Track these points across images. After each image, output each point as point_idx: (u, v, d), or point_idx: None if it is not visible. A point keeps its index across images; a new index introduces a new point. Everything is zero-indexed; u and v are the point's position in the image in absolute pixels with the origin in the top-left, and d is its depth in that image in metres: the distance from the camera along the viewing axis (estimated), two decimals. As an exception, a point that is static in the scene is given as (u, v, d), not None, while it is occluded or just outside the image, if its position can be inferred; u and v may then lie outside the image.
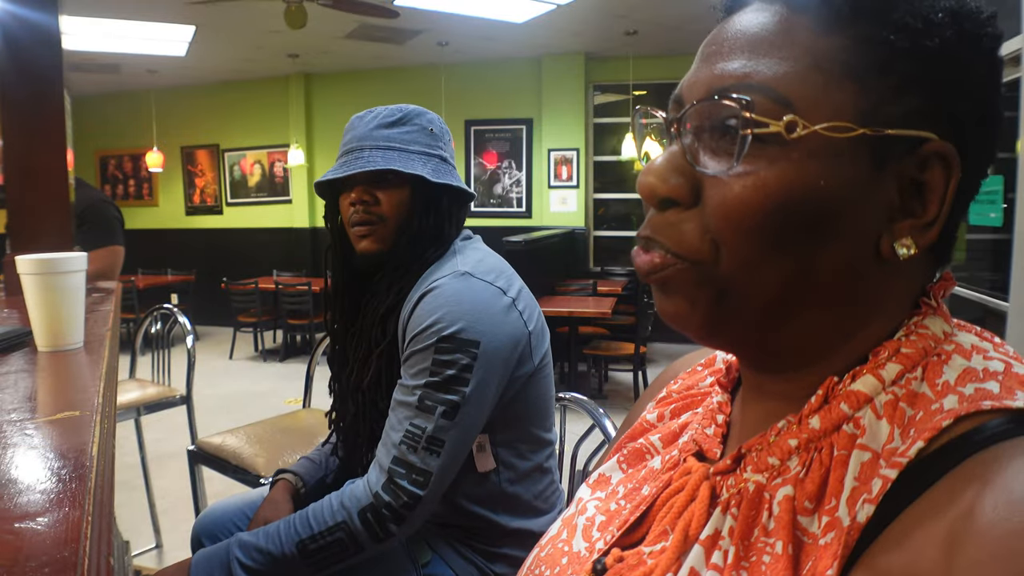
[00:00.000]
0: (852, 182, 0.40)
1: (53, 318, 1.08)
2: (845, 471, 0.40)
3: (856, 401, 0.41)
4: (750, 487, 0.43)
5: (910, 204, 0.41)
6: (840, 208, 0.40)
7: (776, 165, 0.40)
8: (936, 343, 0.43)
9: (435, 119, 1.23)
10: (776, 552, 0.39)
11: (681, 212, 0.43)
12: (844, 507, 0.38)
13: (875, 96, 0.40)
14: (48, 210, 1.75)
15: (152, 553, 2.67)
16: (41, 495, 0.55)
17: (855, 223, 0.41)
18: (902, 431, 0.39)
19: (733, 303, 0.43)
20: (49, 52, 1.71)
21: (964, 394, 0.39)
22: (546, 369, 1.21)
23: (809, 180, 0.40)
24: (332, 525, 1.06)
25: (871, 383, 0.42)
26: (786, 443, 0.43)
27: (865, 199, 0.40)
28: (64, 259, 1.07)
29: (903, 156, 0.40)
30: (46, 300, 1.07)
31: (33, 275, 1.06)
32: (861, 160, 0.40)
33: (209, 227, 8.29)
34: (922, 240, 0.41)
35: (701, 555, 0.43)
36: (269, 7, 4.77)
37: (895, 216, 0.41)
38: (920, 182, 0.41)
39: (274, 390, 5.35)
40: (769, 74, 0.41)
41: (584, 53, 6.77)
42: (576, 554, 0.52)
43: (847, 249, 0.41)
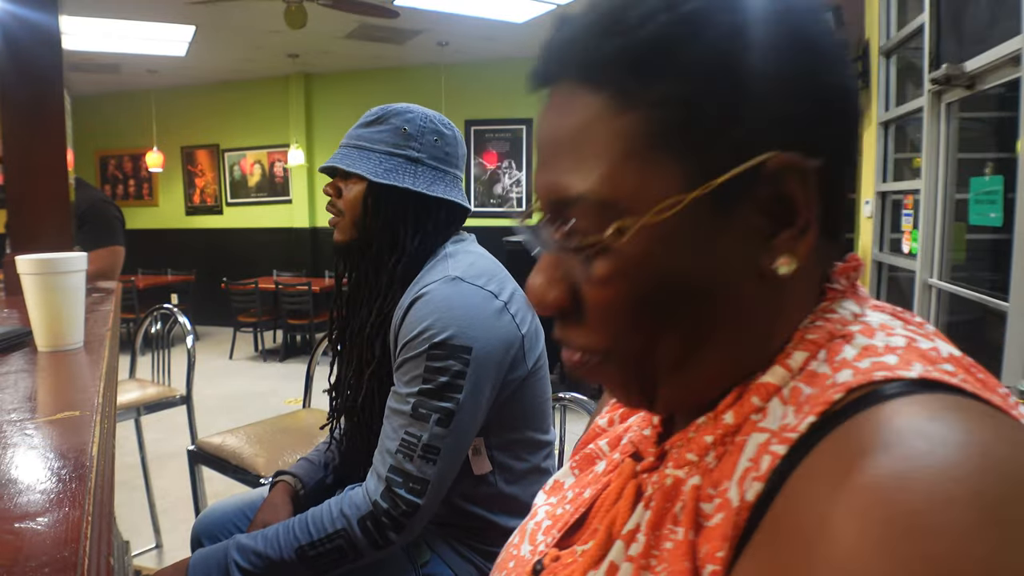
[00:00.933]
0: (703, 242, 0.40)
1: (53, 318, 1.08)
2: (741, 454, 0.40)
3: (766, 392, 0.42)
4: (668, 482, 0.44)
5: (779, 218, 0.41)
6: (701, 271, 0.41)
7: (623, 267, 0.41)
8: (843, 325, 0.43)
9: (416, 117, 1.20)
10: (678, 538, 0.40)
11: (570, 318, 0.45)
12: (735, 487, 0.39)
13: (692, 154, 0.39)
14: (48, 210, 1.75)
15: (152, 553, 2.67)
16: (41, 495, 0.55)
17: (726, 269, 0.41)
18: (796, 408, 0.40)
19: (652, 374, 0.44)
20: (49, 52, 1.71)
21: (859, 368, 0.39)
22: (541, 372, 1.20)
23: (660, 266, 0.40)
24: (332, 532, 1.06)
25: (779, 373, 0.42)
26: (702, 439, 0.43)
27: (725, 244, 0.41)
28: (64, 259, 1.08)
29: (749, 185, 0.40)
30: (46, 300, 1.07)
31: (33, 275, 1.06)
32: (705, 216, 0.40)
33: (209, 227, 8.28)
34: (801, 248, 0.41)
35: (621, 548, 0.44)
36: (269, 7, 4.77)
37: (768, 236, 0.41)
38: (780, 196, 0.40)
39: (274, 390, 5.35)
40: (588, 181, 0.41)
41: (584, 53, 6.77)
42: (522, 558, 0.54)
43: (726, 296, 0.42)
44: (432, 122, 1.21)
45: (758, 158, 0.39)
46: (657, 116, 0.39)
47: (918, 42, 3.41)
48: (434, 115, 1.23)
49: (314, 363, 2.36)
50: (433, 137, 1.21)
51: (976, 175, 2.86)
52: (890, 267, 3.97)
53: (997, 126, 3.21)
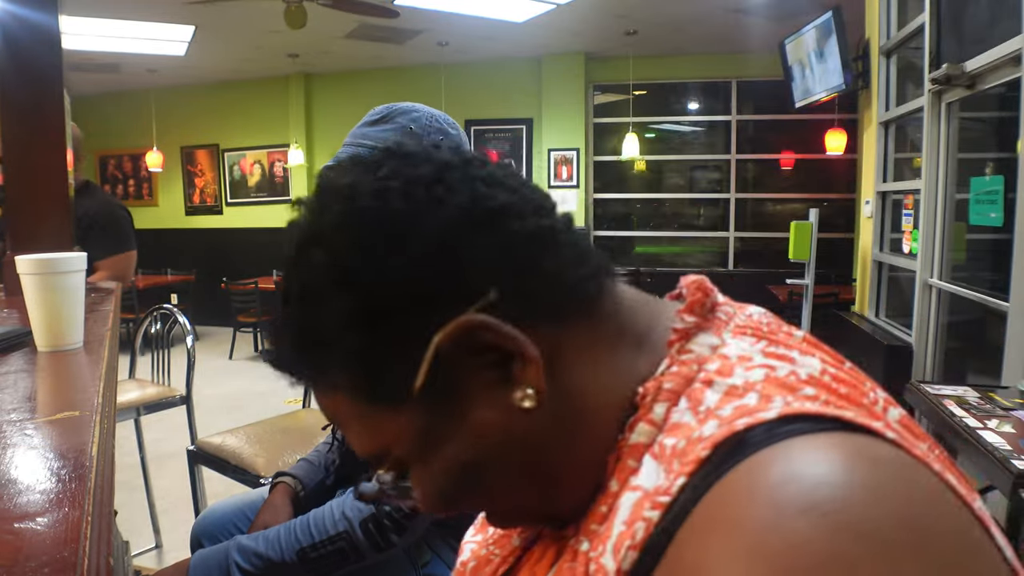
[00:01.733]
0: (447, 436, 0.43)
1: (53, 318, 1.08)
2: (616, 516, 0.41)
3: (638, 452, 0.42)
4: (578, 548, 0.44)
5: (501, 360, 0.42)
6: (473, 442, 0.43)
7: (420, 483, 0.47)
8: (699, 365, 0.43)
9: (422, 116, 1.20)
10: None
11: None
12: (610, 555, 0.39)
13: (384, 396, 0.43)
14: (48, 210, 1.75)
15: (152, 553, 2.67)
16: (41, 495, 0.55)
17: (487, 434, 0.43)
18: (666, 467, 0.39)
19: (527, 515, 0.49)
20: (49, 52, 1.71)
21: (723, 416, 0.39)
22: None
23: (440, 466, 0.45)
24: (334, 535, 1.06)
25: (645, 431, 0.42)
26: (599, 510, 0.43)
27: (473, 416, 0.43)
28: (64, 259, 1.07)
29: (450, 367, 0.41)
30: (46, 300, 1.07)
31: (33, 275, 1.06)
32: (440, 411, 0.43)
33: (209, 227, 8.28)
34: (534, 375, 0.41)
35: None
36: (269, 7, 4.77)
37: (504, 380, 0.42)
38: (478, 349, 0.41)
39: (274, 390, 5.34)
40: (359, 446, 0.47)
41: (584, 53, 6.77)
42: None
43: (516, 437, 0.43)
44: (438, 121, 1.21)
45: (426, 358, 0.41)
46: (344, 385, 0.44)
47: (918, 42, 3.41)
48: (439, 114, 1.22)
49: (314, 363, 2.35)
50: (438, 137, 1.20)
51: (976, 175, 2.85)
52: (890, 267, 3.97)
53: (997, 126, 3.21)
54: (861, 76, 4.32)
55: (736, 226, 6.91)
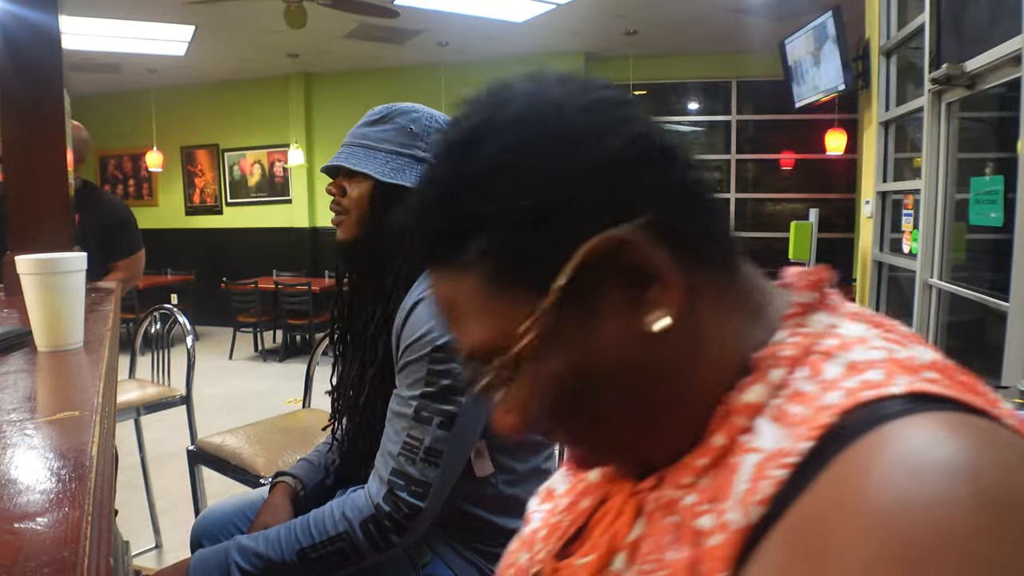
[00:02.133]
0: (579, 335, 0.44)
1: (53, 318, 1.08)
2: (737, 475, 0.41)
3: (750, 411, 0.43)
4: (664, 500, 0.46)
5: (641, 283, 0.43)
6: (594, 354, 0.44)
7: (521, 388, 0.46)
8: (818, 339, 0.44)
9: (422, 117, 1.20)
10: (680, 555, 0.42)
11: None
12: (735, 509, 0.40)
13: (526, 282, 0.44)
14: (48, 210, 1.75)
15: (152, 553, 2.67)
16: (41, 495, 0.55)
17: (616, 346, 0.44)
18: (791, 431, 0.40)
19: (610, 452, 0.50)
20: (49, 52, 1.71)
21: (848, 388, 0.40)
22: None
23: (552, 371, 0.45)
24: (334, 535, 1.06)
25: (759, 391, 0.43)
26: (695, 463, 0.45)
27: (602, 328, 0.44)
28: (64, 259, 1.07)
29: (593, 273, 0.43)
30: (46, 300, 1.07)
31: (33, 275, 1.06)
32: (569, 317, 0.44)
33: (209, 227, 8.29)
34: (670, 298, 0.43)
35: (624, 559, 0.46)
36: (269, 7, 4.77)
37: (638, 301, 0.43)
38: (623, 268, 0.43)
39: (274, 390, 5.35)
40: (468, 339, 0.47)
41: (584, 53, 6.77)
42: (520, 566, 0.56)
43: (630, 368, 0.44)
44: (437, 121, 1.22)
45: (574, 260, 0.42)
46: (483, 270, 0.44)
47: (918, 42, 3.41)
48: (438, 115, 1.23)
49: (314, 363, 2.36)
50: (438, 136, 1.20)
51: (976, 175, 2.85)
52: (890, 267, 3.97)
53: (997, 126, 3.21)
54: (861, 76, 4.32)
55: (736, 226, 6.91)
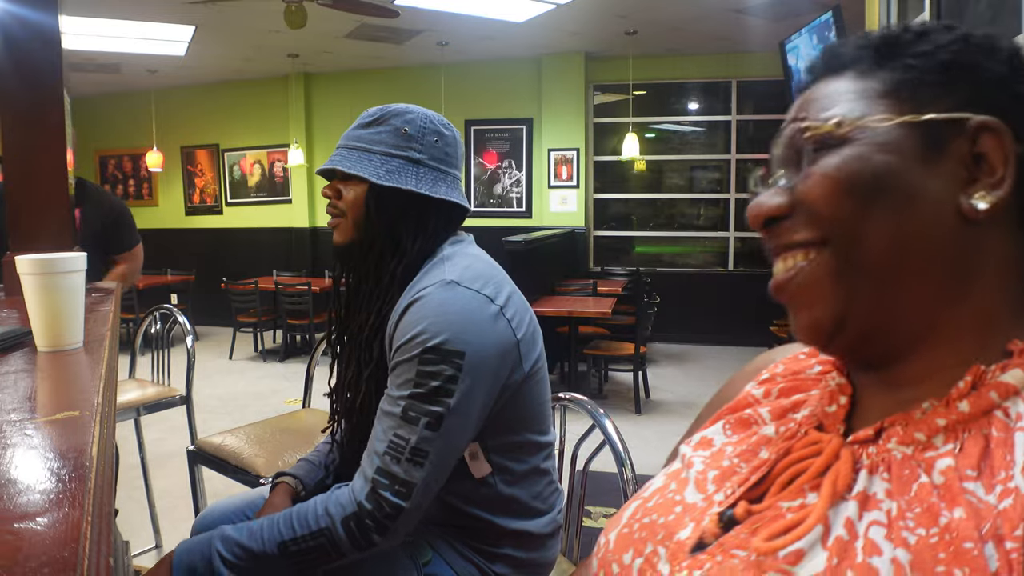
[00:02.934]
0: (907, 156, 0.49)
1: (53, 318, 1.08)
2: (1009, 450, 0.43)
3: (1005, 391, 0.45)
4: (896, 455, 0.47)
5: (977, 174, 0.48)
6: (901, 178, 0.48)
7: (838, 153, 0.50)
8: None
9: (416, 118, 1.20)
10: (956, 516, 0.42)
11: (785, 221, 0.53)
12: (1021, 476, 0.42)
13: (911, 103, 0.50)
14: (48, 210, 1.75)
15: (152, 553, 2.67)
16: (41, 495, 0.55)
17: (923, 191, 0.48)
18: None
19: (854, 274, 0.50)
20: (49, 52, 1.71)
21: None
22: (539, 374, 1.20)
23: (868, 157, 0.49)
24: (315, 530, 1.06)
25: (1020, 376, 0.46)
26: (933, 421, 0.47)
27: (925, 171, 0.48)
28: (64, 259, 1.07)
29: (954, 137, 0.48)
30: (46, 300, 1.07)
31: (33, 275, 1.06)
32: (912, 142, 0.49)
33: (209, 227, 8.29)
34: (994, 196, 0.47)
35: (856, 508, 0.46)
36: (269, 7, 4.77)
37: (966, 185, 0.48)
38: (980, 154, 0.48)
39: (274, 390, 5.35)
40: (824, 113, 0.52)
41: (584, 53, 6.77)
42: (692, 505, 0.56)
43: (925, 212, 0.48)
44: (432, 122, 1.21)
45: (960, 114, 0.48)
46: (891, 77, 0.51)
47: (918, 42, 3.41)
48: (433, 115, 1.22)
49: (314, 363, 2.36)
50: (433, 138, 1.20)
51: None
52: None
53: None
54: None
55: (736, 226, 6.92)
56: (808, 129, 0.52)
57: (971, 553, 0.40)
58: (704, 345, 6.80)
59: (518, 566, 1.20)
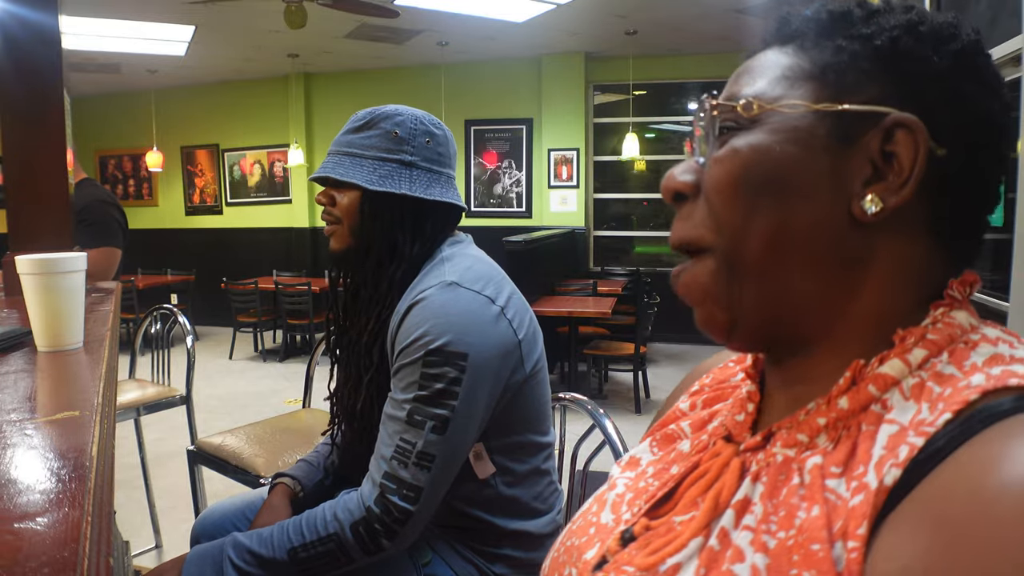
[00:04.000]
0: (811, 148, 0.46)
1: (53, 318, 1.08)
2: (872, 443, 0.42)
3: (883, 383, 0.44)
4: (778, 459, 0.47)
5: (884, 172, 0.46)
6: (800, 170, 0.46)
7: (743, 139, 0.48)
8: (963, 332, 0.45)
9: (406, 120, 1.18)
10: (812, 515, 0.42)
11: (690, 205, 0.51)
12: (872, 472, 0.41)
13: (833, 89, 0.47)
14: (48, 210, 1.75)
15: (152, 553, 2.67)
16: (41, 495, 0.55)
17: (820, 185, 0.46)
18: (930, 405, 0.41)
19: (739, 277, 0.48)
20: (49, 52, 1.71)
21: (991, 373, 0.41)
22: (540, 375, 1.20)
23: (771, 146, 0.47)
24: (324, 536, 1.06)
25: (898, 366, 0.45)
26: (815, 421, 0.46)
27: (827, 165, 0.46)
28: (64, 259, 1.07)
29: (867, 130, 0.46)
30: (45, 300, 1.07)
31: (33, 275, 1.06)
32: (821, 132, 0.46)
33: (209, 227, 8.29)
34: (892, 199, 0.45)
35: (732, 517, 0.46)
36: (269, 7, 4.77)
37: (868, 183, 0.46)
38: (891, 153, 0.46)
39: (274, 390, 5.35)
40: (744, 89, 0.50)
41: (584, 53, 6.77)
42: (604, 525, 0.56)
43: (817, 209, 0.46)
44: (422, 123, 1.20)
45: (878, 108, 0.46)
46: (817, 57, 0.48)
47: (918, 42, 3.40)
48: (423, 115, 1.21)
49: (314, 363, 2.36)
50: (424, 139, 1.19)
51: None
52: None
53: (997, 126, 3.21)
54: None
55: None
56: (717, 107, 0.49)
57: (818, 555, 0.39)
58: (704, 345, 6.79)
59: (517, 566, 1.20)
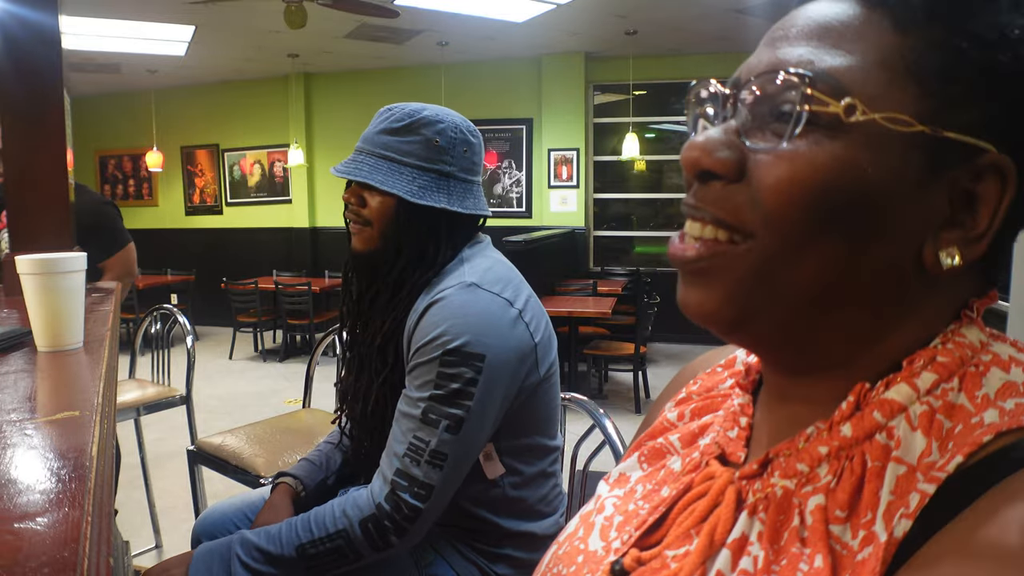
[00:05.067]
0: (902, 179, 0.39)
1: (53, 318, 1.08)
2: (880, 484, 0.39)
3: (889, 410, 0.41)
4: (778, 492, 0.43)
5: (960, 216, 0.41)
6: (886, 203, 0.40)
7: (828, 146, 0.40)
8: (973, 352, 0.42)
9: (447, 128, 1.16)
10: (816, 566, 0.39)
11: (726, 185, 0.42)
12: (881, 521, 0.38)
13: (937, 101, 0.39)
14: (48, 210, 1.75)
15: (152, 553, 2.67)
16: (41, 495, 0.55)
17: (901, 222, 0.40)
18: (940, 444, 0.39)
19: (772, 290, 0.42)
20: (49, 52, 1.71)
21: (1004, 408, 0.38)
22: (553, 378, 1.20)
23: (859, 166, 0.39)
24: (333, 532, 1.06)
25: (905, 392, 0.41)
26: (816, 450, 0.42)
27: (913, 199, 0.40)
28: (64, 259, 1.07)
29: (958, 164, 0.40)
30: (46, 300, 1.07)
31: (33, 275, 1.06)
32: (914, 159, 0.39)
33: (209, 227, 8.28)
34: (968, 253, 0.40)
35: (728, 559, 0.43)
36: (269, 7, 4.77)
37: (943, 225, 0.41)
38: (973, 194, 0.40)
39: (274, 390, 5.35)
40: (832, 63, 0.40)
41: (584, 53, 6.77)
42: (592, 553, 0.52)
43: (890, 248, 0.41)
44: (462, 132, 1.18)
45: (983, 142, 0.39)
46: (929, 52, 0.40)
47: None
48: (461, 122, 1.19)
49: (314, 363, 2.36)
50: (463, 148, 1.17)
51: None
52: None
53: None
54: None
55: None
56: (811, 97, 0.39)
57: None
58: (704, 345, 6.72)
59: (520, 566, 1.20)
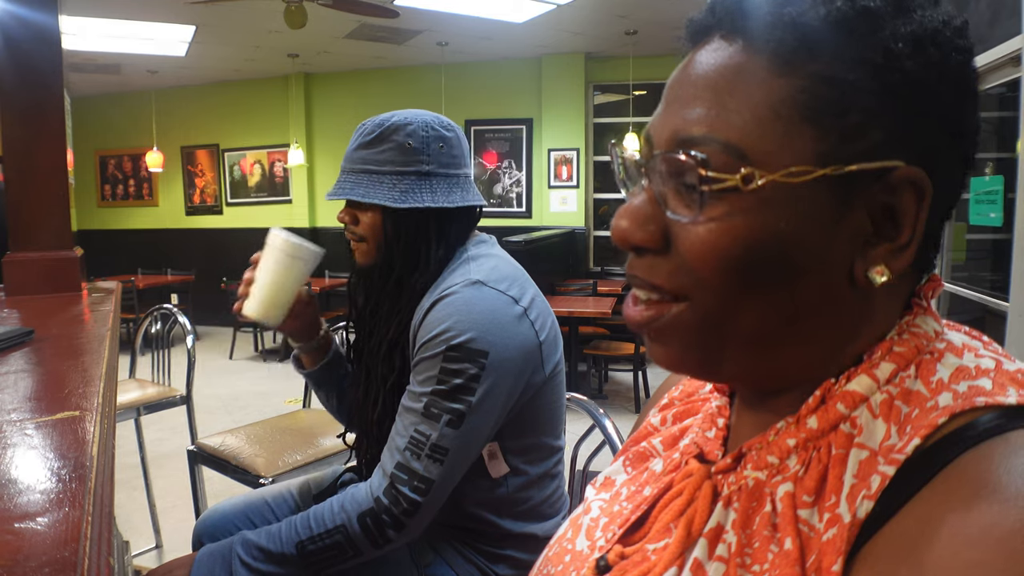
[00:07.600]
0: (816, 221, 0.41)
1: (277, 293, 1.22)
2: (843, 469, 0.41)
3: (852, 401, 0.43)
4: (750, 483, 0.45)
5: (883, 229, 0.42)
6: (806, 247, 0.41)
7: (737, 214, 0.41)
8: (928, 341, 0.44)
9: (417, 128, 1.16)
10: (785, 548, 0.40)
11: (656, 257, 0.44)
12: (844, 503, 0.39)
13: (835, 136, 0.40)
14: (48, 210, 1.75)
15: (152, 553, 2.67)
16: (41, 495, 0.55)
17: (824, 257, 0.42)
18: (899, 428, 0.40)
19: (721, 339, 0.44)
20: (49, 52, 1.72)
21: (958, 391, 0.40)
22: (558, 377, 1.20)
23: (771, 225, 0.41)
24: (331, 528, 1.06)
25: (866, 383, 0.43)
26: (784, 442, 0.45)
27: (833, 232, 0.41)
28: (314, 251, 1.24)
29: (871, 185, 0.41)
30: (280, 277, 1.22)
31: (282, 252, 1.21)
32: (824, 198, 0.40)
33: (209, 227, 8.28)
34: (897, 264, 0.42)
35: (705, 547, 0.44)
36: (269, 7, 4.77)
37: (868, 242, 0.42)
38: (891, 207, 0.41)
39: (274, 390, 5.35)
40: (726, 126, 0.41)
41: (584, 53, 6.77)
42: (579, 552, 0.54)
43: (819, 283, 0.42)
44: (433, 129, 1.17)
45: (889, 162, 0.40)
46: (816, 90, 0.40)
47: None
48: (432, 119, 1.19)
49: (314, 363, 2.35)
50: (438, 144, 1.17)
51: (976, 175, 2.86)
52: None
53: (997, 126, 3.21)
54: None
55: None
56: (709, 177, 0.41)
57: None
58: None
59: (520, 567, 1.20)
